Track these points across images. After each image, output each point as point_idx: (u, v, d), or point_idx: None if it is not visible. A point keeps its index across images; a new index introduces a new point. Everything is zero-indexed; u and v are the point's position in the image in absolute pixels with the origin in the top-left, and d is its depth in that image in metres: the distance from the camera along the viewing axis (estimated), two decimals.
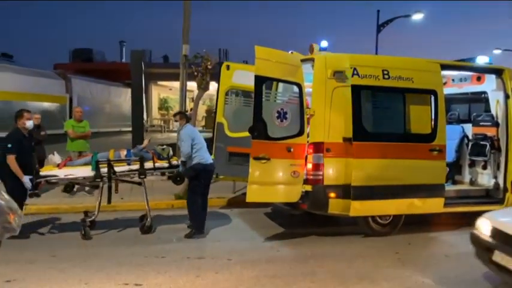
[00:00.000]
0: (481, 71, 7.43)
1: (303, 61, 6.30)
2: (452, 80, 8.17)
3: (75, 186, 6.42)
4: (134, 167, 6.43)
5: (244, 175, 5.99)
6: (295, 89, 6.10)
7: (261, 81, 5.77)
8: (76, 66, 27.64)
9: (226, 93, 8.15)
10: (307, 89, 6.18)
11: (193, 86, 10.29)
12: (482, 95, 7.83)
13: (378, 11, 19.55)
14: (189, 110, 14.35)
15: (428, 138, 6.44)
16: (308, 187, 6.03)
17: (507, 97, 6.94)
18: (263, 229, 6.79)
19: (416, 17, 19.71)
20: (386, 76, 6.23)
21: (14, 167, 5.99)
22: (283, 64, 6.09)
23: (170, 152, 6.73)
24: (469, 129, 8.01)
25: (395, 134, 6.41)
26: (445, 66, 6.81)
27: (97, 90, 23.86)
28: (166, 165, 6.60)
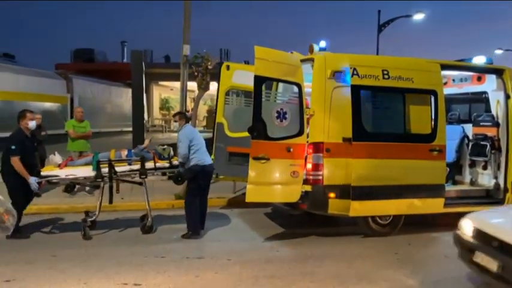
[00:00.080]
0: (482, 71, 7.40)
1: (303, 61, 6.29)
2: (453, 80, 8.15)
3: (76, 186, 6.44)
4: (135, 167, 6.44)
5: (244, 175, 5.98)
6: (295, 89, 6.09)
7: (260, 81, 5.76)
8: (77, 67, 27.75)
9: (227, 93, 8.15)
10: (307, 89, 6.17)
11: (194, 86, 10.28)
12: (483, 95, 7.81)
13: (378, 11, 19.55)
14: (189, 110, 14.33)
15: (429, 138, 6.43)
16: (308, 187, 6.02)
17: (507, 97, 6.93)
18: (263, 229, 6.80)
19: (418, 17, 19.72)
20: (386, 76, 6.22)
21: (19, 168, 5.98)
22: (283, 64, 6.08)
23: (171, 152, 6.72)
24: (469, 129, 7.99)
25: (395, 134, 6.40)
26: (445, 66, 6.80)
27: (98, 90, 23.93)
28: (167, 165, 6.59)
